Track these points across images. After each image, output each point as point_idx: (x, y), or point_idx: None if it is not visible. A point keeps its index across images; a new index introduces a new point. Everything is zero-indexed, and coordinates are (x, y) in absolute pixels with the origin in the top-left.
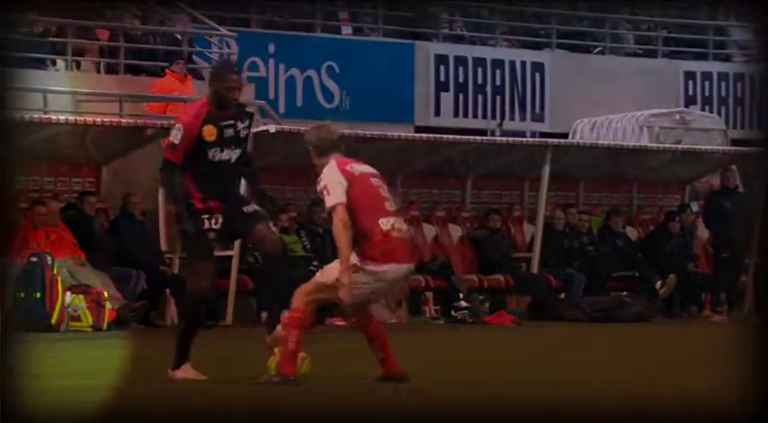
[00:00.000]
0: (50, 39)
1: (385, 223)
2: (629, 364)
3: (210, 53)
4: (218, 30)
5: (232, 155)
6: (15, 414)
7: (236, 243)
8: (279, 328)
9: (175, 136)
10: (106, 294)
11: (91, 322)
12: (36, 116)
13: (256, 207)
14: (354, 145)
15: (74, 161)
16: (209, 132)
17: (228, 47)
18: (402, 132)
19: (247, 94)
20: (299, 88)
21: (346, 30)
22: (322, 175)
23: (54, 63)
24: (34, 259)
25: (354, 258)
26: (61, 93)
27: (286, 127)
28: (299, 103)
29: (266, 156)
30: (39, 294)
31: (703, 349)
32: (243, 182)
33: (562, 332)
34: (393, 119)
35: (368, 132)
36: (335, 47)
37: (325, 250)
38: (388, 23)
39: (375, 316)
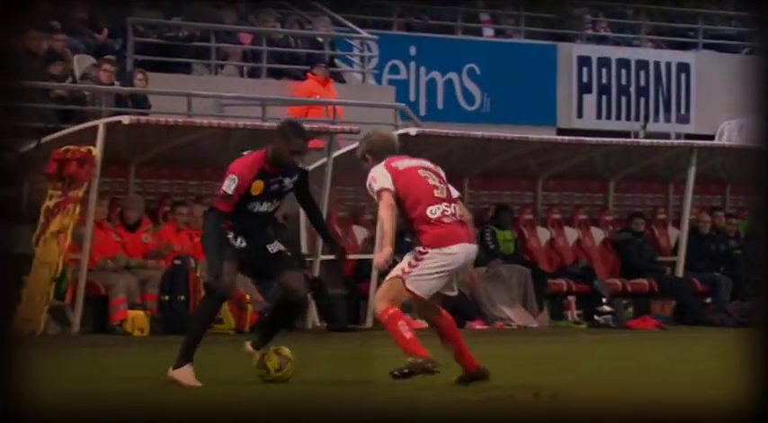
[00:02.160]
0: (195, 43)
1: (433, 211)
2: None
3: (352, 56)
4: (359, 33)
5: (270, 207)
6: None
7: (376, 247)
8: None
9: (229, 187)
10: (248, 297)
11: (233, 325)
12: (180, 120)
13: (281, 247)
14: (495, 147)
15: (217, 164)
16: (257, 188)
17: (369, 49)
18: (544, 135)
19: (388, 97)
20: (439, 91)
21: (488, 31)
22: (369, 175)
23: (198, 67)
24: (178, 262)
25: (417, 251)
26: (205, 97)
27: (427, 130)
28: (440, 105)
29: None
30: (183, 297)
31: None
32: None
33: (707, 337)
34: (535, 121)
35: (509, 135)
36: (477, 49)
37: None
38: (530, 25)
39: (445, 313)
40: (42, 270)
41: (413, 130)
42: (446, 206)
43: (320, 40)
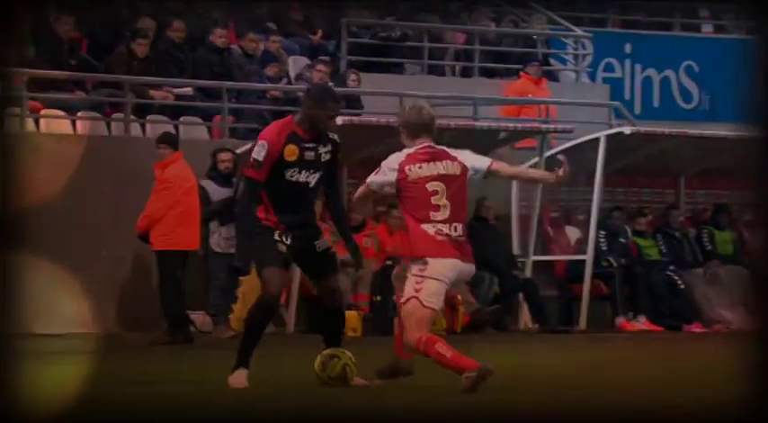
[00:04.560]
0: (407, 43)
1: (429, 228)
2: None
3: (566, 54)
4: (573, 31)
5: (311, 178)
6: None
7: (590, 247)
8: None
9: (259, 153)
10: (459, 298)
11: (445, 326)
12: (393, 120)
13: (327, 244)
14: (713, 145)
15: None
16: (291, 152)
17: (584, 48)
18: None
19: (602, 96)
20: (655, 89)
21: (707, 28)
22: (390, 158)
23: (410, 67)
24: (389, 263)
25: (415, 268)
26: (417, 96)
27: (642, 129)
28: (656, 103)
29: (622, 158)
30: (395, 297)
31: None
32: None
33: None
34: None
35: (726, 133)
36: (695, 45)
37: (681, 254)
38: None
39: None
40: None
41: (627, 129)
42: (442, 226)
43: (534, 37)
